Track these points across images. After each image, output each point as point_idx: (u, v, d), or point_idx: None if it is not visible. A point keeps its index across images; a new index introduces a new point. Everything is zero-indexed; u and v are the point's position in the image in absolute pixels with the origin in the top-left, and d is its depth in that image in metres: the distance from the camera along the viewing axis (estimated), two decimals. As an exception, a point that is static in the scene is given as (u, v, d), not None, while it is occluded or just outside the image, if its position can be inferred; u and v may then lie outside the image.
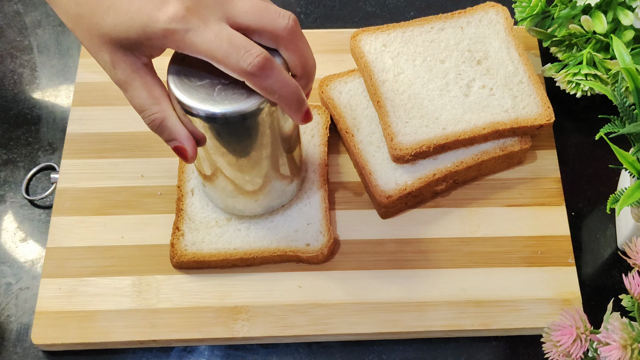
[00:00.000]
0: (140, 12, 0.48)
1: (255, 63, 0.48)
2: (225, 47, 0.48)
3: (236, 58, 0.48)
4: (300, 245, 0.64)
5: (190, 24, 0.48)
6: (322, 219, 0.66)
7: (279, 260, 0.65)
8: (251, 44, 0.49)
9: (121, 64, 0.50)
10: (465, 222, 0.67)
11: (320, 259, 0.64)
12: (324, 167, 0.68)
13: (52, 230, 0.67)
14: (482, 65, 0.70)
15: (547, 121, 0.67)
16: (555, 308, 0.63)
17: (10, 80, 0.77)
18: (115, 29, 0.48)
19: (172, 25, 0.47)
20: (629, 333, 0.48)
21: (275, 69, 0.50)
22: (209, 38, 0.48)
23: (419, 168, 0.67)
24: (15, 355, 0.63)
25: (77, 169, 0.70)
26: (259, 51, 0.49)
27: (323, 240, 0.64)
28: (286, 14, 0.51)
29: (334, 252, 0.65)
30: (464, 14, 0.72)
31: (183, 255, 0.64)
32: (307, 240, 0.65)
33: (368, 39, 0.71)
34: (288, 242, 0.65)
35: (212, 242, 0.65)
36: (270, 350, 0.63)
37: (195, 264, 0.64)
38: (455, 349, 0.63)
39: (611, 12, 0.68)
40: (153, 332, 0.62)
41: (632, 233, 0.64)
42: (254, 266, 0.65)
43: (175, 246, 0.64)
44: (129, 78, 0.50)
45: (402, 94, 0.68)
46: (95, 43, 0.50)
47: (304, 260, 0.64)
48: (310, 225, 0.65)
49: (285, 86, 0.51)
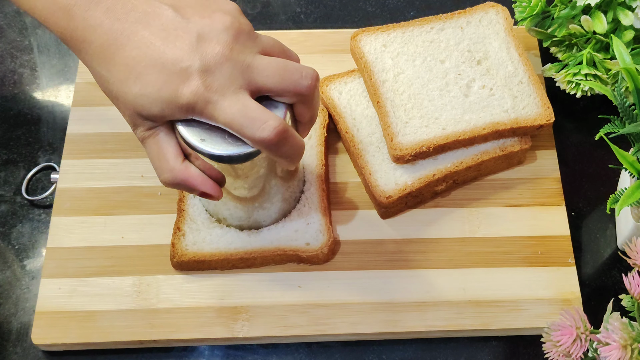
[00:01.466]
0: (164, 87, 0.50)
1: (272, 136, 0.50)
2: (240, 120, 0.50)
3: (252, 130, 0.50)
4: (300, 245, 0.64)
5: (210, 98, 0.50)
6: (321, 219, 0.66)
7: (280, 261, 0.65)
8: (267, 115, 0.50)
9: (140, 126, 0.53)
10: (465, 222, 0.67)
11: (321, 259, 0.64)
12: (321, 167, 0.68)
13: (52, 230, 0.67)
14: (482, 66, 0.70)
15: (547, 121, 0.67)
16: (555, 308, 0.63)
17: (10, 80, 0.77)
18: (139, 99, 0.51)
19: (192, 99, 0.50)
20: (629, 333, 0.49)
21: (290, 137, 0.52)
22: (226, 111, 0.50)
23: (419, 168, 0.67)
24: (15, 355, 0.63)
25: (77, 169, 0.70)
26: (276, 123, 0.50)
27: (323, 239, 0.64)
28: (307, 73, 0.53)
29: (334, 251, 0.65)
30: (463, 14, 0.72)
31: (184, 255, 0.64)
32: (307, 240, 0.65)
33: (368, 39, 0.71)
34: (288, 241, 0.65)
35: (213, 242, 0.65)
36: (270, 350, 0.63)
37: (195, 264, 0.64)
38: (455, 349, 0.63)
39: (611, 12, 0.68)
40: (153, 332, 0.62)
41: (632, 233, 0.64)
42: (255, 267, 0.65)
43: (176, 246, 0.64)
44: (144, 136, 0.54)
45: (402, 94, 0.68)
46: (121, 106, 0.53)
47: (305, 259, 0.64)
48: (309, 225, 0.65)
49: (296, 150, 0.53)
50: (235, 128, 0.50)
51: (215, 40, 0.51)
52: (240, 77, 0.51)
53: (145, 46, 0.51)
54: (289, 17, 0.81)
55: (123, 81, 0.51)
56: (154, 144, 0.53)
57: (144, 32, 0.51)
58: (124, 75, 0.51)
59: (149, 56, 0.50)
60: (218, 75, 0.50)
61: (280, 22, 0.81)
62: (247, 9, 0.82)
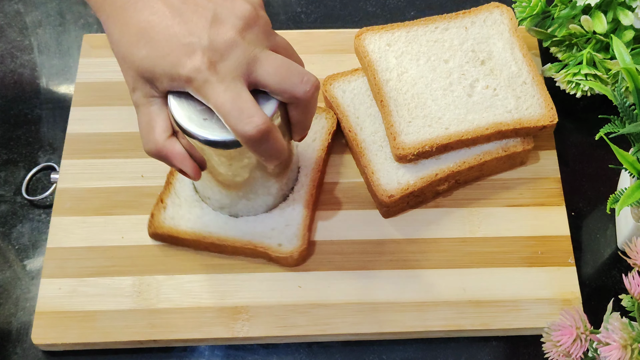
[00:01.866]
0: (170, 54, 0.51)
1: (253, 132, 0.51)
2: (228, 107, 0.51)
3: (236, 121, 0.51)
4: (273, 244, 0.64)
5: (208, 77, 0.51)
6: (300, 223, 0.65)
7: (250, 255, 0.65)
8: (255, 110, 0.51)
9: (138, 90, 0.54)
10: (465, 222, 0.67)
11: (290, 262, 0.64)
12: (317, 172, 0.67)
13: (52, 230, 0.67)
14: (486, 66, 0.70)
15: (550, 122, 0.67)
16: (555, 308, 0.63)
17: (10, 80, 0.77)
18: (144, 61, 0.52)
19: (192, 74, 0.51)
20: (629, 333, 0.49)
21: (272, 139, 0.52)
22: (218, 93, 0.51)
23: (422, 168, 0.67)
24: (15, 355, 0.63)
25: (77, 169, 0.70)
26: (261, 120, 0.51)
27: (296, 244, 0.64)
28: (309, 79, 0.53)
29: (305, 258, 0.65)
30: (468, 14, 0.72)
31: (160, 228, 0.65)
32: (280, 241, 0.64)
33: (372, 38, 0.71)
34: (262, 238, 0.64)
35: (190, 220, 0.65)
36: (270, 350, 0.63)
37: (170, 239, 0.65)
38: (455, 349, 0.63)
39: (611, 12, 0.68)
40: (153, 332, 0.62)
41: (632, 233, 0.64)
42: (227, 254, 0.65)
43: (154, 217, 0.65)
44: (140, 103, 0.55)
45: (406, 93, 0.68)
46: (125, 66, 0.54)
47: (273, 259, 0.64)
48: (288, 226, 0.65)
49: (275, 152, 0.54)
50: (222, 113, 0.51)
51: (229, 24, 0.52)
52: (244, 67, 0.52)
53: (162, 13, 0.52)
54: (289, 17, 0.81)
55: (133, 43, 0.52)
56: (146, 113, 0.54)
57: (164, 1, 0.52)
58: (135, 38, 0.52)
59: (163, 24, 0.52)
60: (223, 59, 0.51)
61: (280, 22, 0.81)
62: (247, 9, 0.82)
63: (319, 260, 0.65)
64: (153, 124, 0.54)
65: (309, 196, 0.66)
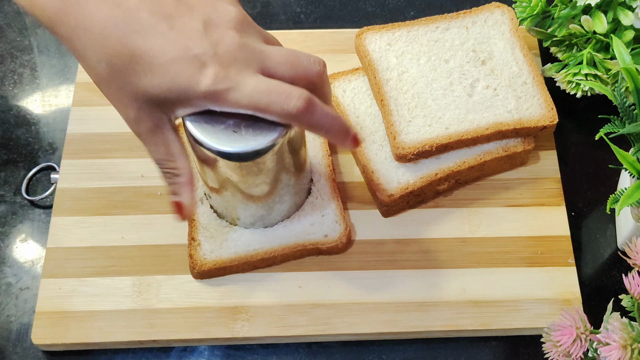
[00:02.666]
0: (180, 75, 0.48)
1: (299, 105, 0.50)
2: (266, 97, 0.49)
3: (279, 104, 0.49)
4: (319, 238, 0.64)
5: (230, 82, 0.49)
6: (335, 209, 0.66)
7: (299, 256, 0.65)
8: (290, 88, 0.50)
9: (146, 120, 0.51)
10: (465, 222, 0.67)
11: (340, 248, 0.64)
12: (327, 157, 0.68)
13: (52, 230, 0.67)
14: (487, 66, 0.70)
15: (550, 122, 0.67)
16: (555, 308, 0.63)
17: (10, 80, 0.77)
18: (153, 89, 0.49)
19: (213, 87, 0.48)
20: (629, 333, 0.48)
21: (318, 105, 0.51)
22: (249, 92, 0.49)
23: (422, 167, 0.67)
24: (15, 355, 0.63)
25: (77, 169, 0.70)
26: (299, 92, 0.50)
27: (340, 229, 0.65)
28: (315, 59, 0.53)
29: (351, 239, 0.66)
30: (469, 14, 0.72)
31: (203, 265, 0.63)
32: (324, 232, 0.65)
33: (373, 37, 0.71)
34: (306, 236, 0.65)
35: (230, 247, 0.64)
36: (270, 350, 0.63)
37: (217, 272, 0.64)
38: (455, 349, 0.63)
39: (611, 12, 0.68)
40: (153, 332, 0.62)
41: (632, 233, 0.63)
42: (275, 265, 0.65)
43: (194, 257, 0.64)
44: (150, 133, 0.52)
45: (406, 93, 0.68)
46: (124, 100, 0.51)
47: (324, 251, 0.64)
48: (325, 216, 0.66)
49: (330, 119, 0.52)
50: (262, 107, 0.49)
51: (223, 27, 0.50)
52: (255, 62, 0.50)
53: (152, 34, 0.48)
54: (289, 17, 0.81)
55: (129, 72, 0.49)
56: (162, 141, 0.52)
57: (149, 19, 0.49)
58: (130, 66, 0.49)
59: (158, 45, 0.48)
60: (235, 62, 0.49)
61: (280, 22, 0.81)
62: (247, 9, 0.82)
63: (319, 260, 0.65)
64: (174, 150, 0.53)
65: (331, 181, 0.67)
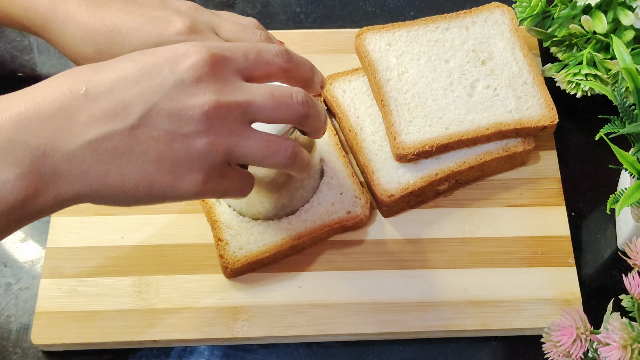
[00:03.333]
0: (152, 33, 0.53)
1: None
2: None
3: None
4: (343, 215, 0.65)
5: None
6: (352, 185, 0.66)
7: (327, 237, 0.66)
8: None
9: None
10: (465, 223, 0.67)
11: (365, 222, 0.66)
12: (334, 135, 0.69)
13: (52, 230, 0.67)
14: (487, 66, 0.70)
15: (550, 122, 0.67)
16: (555, 308, 0.63)
17: (10, 80, 0.77)
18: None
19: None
20: (629, 333, 0.48)
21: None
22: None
23: (422, 167, 0.67)
24: (15, 356, 0.63)
25: (77, 169, 0.69)
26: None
27: (361, 202, 0.66)
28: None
29: (372, 208, 0.67)
30: (469, 14, 0.72)
31: (236, 263, 0.63)
32: (347, 208, 0.65)
33: (373, 37, 0.71)
34: (330, 215, 0.65)
35: (258, 241, 0.64)
36: (270, 350, 0.63)
37: (249, 267, 0.64)
38: (455, 349, 0.63)
39: (611, 12, 0.68)
40: (153, 332, 0.62)
41: (632, 233, 0.63)
42: (304, 250, 0.65)
43: (224, 256, 0.64)
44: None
45: (406, 93, 0.68)
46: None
47: (350, 228, 0.65)
48: (343, 194, 0.66)
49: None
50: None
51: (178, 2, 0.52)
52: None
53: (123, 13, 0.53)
54: (289, 17, 0.81)
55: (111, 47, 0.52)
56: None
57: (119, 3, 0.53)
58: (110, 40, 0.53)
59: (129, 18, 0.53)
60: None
61: (280, 22, 0.81)
62: (247, 8, 0.82)
63: (319, 260, 0.65)
64: None
65: (342, 158, 0.68)
